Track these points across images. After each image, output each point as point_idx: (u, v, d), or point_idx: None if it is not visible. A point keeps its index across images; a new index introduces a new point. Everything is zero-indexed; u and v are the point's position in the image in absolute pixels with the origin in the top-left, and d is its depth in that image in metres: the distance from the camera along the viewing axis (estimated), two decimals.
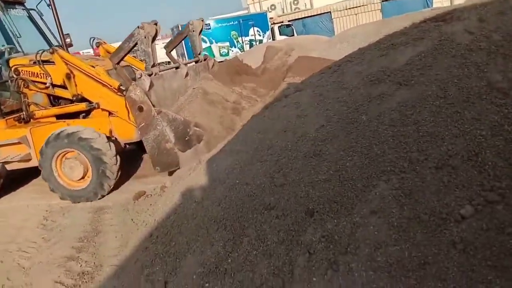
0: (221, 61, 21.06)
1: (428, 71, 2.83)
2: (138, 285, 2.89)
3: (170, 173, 5.16)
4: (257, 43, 22.50)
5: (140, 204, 4.63)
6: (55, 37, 6.57)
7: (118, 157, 5.37)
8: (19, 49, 6.69)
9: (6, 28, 6.60)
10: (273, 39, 22.72)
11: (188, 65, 6.45)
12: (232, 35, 23.15)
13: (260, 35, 23.42)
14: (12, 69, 5.88)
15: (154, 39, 5.17)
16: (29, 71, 5.86)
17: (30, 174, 6.56)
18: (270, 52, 9.09)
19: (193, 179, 3.85)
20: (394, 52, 3.27)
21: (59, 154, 5.44)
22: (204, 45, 22.32)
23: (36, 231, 4.79)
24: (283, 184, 2.73)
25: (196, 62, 6.74)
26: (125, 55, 5.32)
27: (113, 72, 5.54)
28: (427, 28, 3.37)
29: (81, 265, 3.75)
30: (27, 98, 5.98)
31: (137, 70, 5.87)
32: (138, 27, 4.99)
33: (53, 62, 5.64)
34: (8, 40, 6.71)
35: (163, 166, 5.08)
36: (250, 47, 22.07)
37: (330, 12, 26.41)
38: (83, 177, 5.44)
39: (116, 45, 5.75)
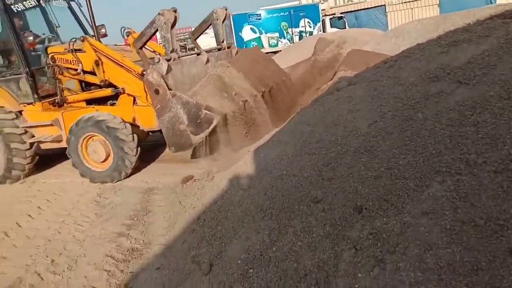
0: (269, 52, 21.02)
1: (491, 70, 2.71)
2: (184, 265, 3.00)
3: (217, 160, 5.29)
4: (307, 34, 22.24)
5: (188, 187, 4.77)
6: (92, 28, 6.89)
7: (138, 146, 5.72)
8: (58, 38, 7.17)
9: (48, 18, 7.10)
10: (323, 31, 22.36)
11: (210, 52, 6.61)
12: (282, 26, 22.99)
13: (310, 27, 23.09)
14: (49, 56, 6.30)
15: (173, 25, 5.35)
16: (63, 58, 6.25)
17: None
18: (321, 44, 8.95)
19: (240, 167, 3.92)
20: (455, 50, 3.15)
21: (85, 137, 5.85)
22: (253, 35, 22.42)
23: (90, 206, 5.07)
24: (331, 179, 2.72)
25: (219, 50, 6.87)
26: (147, 40, 5.59)
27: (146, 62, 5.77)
28: (493, 25, 3.21)
29: (130, 242, 3.93)
30: (61, 84, 6.42)
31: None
32: (158, 13, 5.20)
33: (85, 50, 6.01)
34: (49, 30, 7.22)
35: (177, 147, 5.34)
36: (300, 39, 21.86)
37: (384, 5, 25.54)
38: (105, 160, 5.83)
39: None
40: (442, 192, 2.18)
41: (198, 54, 6.32)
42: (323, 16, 23.60)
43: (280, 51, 18.34)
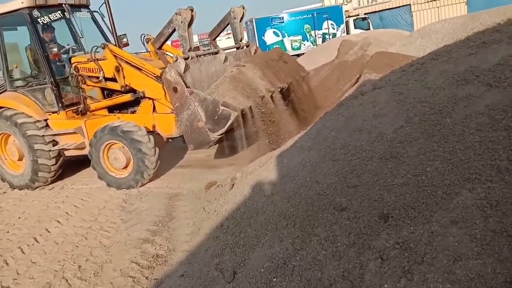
0: (293, 55, 21.07)
1: None
2: (208, 272, 3.00)
3: (240, 165, 5.29)
4: (331, 36, 22.07)
5: (211, 193, 4.78)
6: (114, 37, 7.18)
7: (157, 153, 5.83)
8: (82, 48, 7.45)
9: (73, 29, 7.41)
10: (347, 33, 22.15)
11: (229, 51, 6.67)
12: (305, 29, 22.89)
13: (334, 29, 22.92)
14: (73, 66, 6.54)
15: (190, 24, 5.42)
16: (86, 67, 6.46)
17: None
18: (345, 46, 8.86)
19: (263, 173, 3.90)
20: (484, 51, 3.04)
21: (107, 145, 6.04)
22: (276, 39, 22.42)
23: (116, 212, 5.16)
24: (356, 186, 2.67)
25: (238, 48, 6.91)
26: (166, 40, 5.70)
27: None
28: None
29: (155, 248, 3.97)
30: (85, 93, 6.64)
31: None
32: (175, 13, 5.27)
33: (106, 58, 6.18)
34: (74, 40, 7.53)
35: (196, 144, 5.40)
36: (323, 41, 21.71)
37: (409, 4, 25.06)
38: (126, 167, 6.02)
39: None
40: (472, 200, 2.09)
41: (216, 53, 6.37)
42: (346, 17, 23.39)
43: (304, 54, 18.28)
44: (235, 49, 6.95)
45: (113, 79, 6.28)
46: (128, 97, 6.21)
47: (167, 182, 6.00)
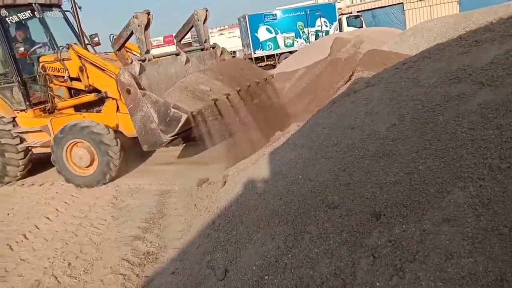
0: (285, 52, 20.99)
1: None
2: (199, 270, 2.98)
3: (232, 163, 5.27)
4: (323, 34, 22.08)
5: (203, 190, 4.77)
6: (81, 37, 7.36)
7: (121, 150, 6.02)
8: (55, 47, 7.42)
9: (46, 28, 7.46)
10: (340, 31, 22.17)
11: (192, 52, 6.79)
12: (298, 26, 22.89)
13: (327, 26, 22.94)
14: (40, 65, 6.66)
15: (147, 27, 5.54)
16: (52, 67, 6.59)
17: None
18: (338, 44, 8.86)
19: (255, 171, 3.88)
20: (477, 50, 3.05)
21: (71, 143, 6.16)
22: (269, 36, 22.39)
23: (107, 209, 5.12)
24: (348, 183, 2.66)
25: (202, 50, 7.00)
26: (125, 42, 5.85)
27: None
28: None
29: (146, 245, 3.95)
30: (52, 91, 6.77)
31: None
32: (133, 16, 5.38)
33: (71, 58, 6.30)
34: (49, 40, 7.58)
35: (149, 145, 5.59)
36: (316, 38, 21.71)
37: (402, 3, 25.20)
38: (90, 165, 6.14)
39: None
40: (464, 199, 2.10)
41: (177, 55, 6.44)
42: (339, 15, 23.45)
43: (296, 51, 18.26)
44: (200, 51, 7.06)
45: (78, 79, 6.41)
46: (92, 96, 6.33)
47: (159, 179, 5.96)
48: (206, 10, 6.80)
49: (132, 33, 5.57)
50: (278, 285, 2.39)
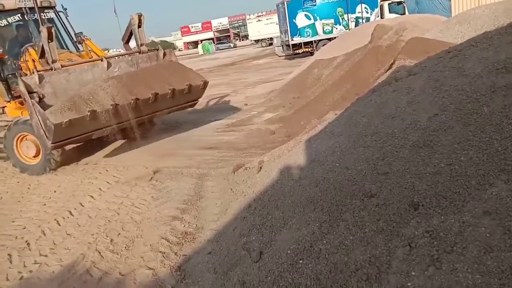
0: (324, 39, 20.55)
1: None
2: (235, 251, 3.07)
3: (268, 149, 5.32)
4: (364, 20, 21.53)
5: (239, 175, 4.84)
6: (74, 36, 8.08)
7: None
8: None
9: (34, 29, 7.85)
10: (381, 17, 21.53)
11: (121, 57, 7.23)
12: (338, 12, 22.41)
13: (367, 13, 22.34)
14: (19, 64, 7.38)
15: (50, 38, 6.04)
16: (23, 66, 7.15)
17: (146, 138, 7.39)
18: (379, 31, 8.63)
19: (291, 158, 3.91)
20: None
21: (20, 136, 7.04)
22: (307, 22, 22.07)
23: (147, 190, 5.31)
24: (387, 173, 2.65)
25: (139, 53, 7.33)
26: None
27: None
28: None
29: (184, 225, 4.08)
30: None
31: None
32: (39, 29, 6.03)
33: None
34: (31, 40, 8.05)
35: (45, 148, 6.38)
36: (356, 25, 21.22)
37: None
38: (36, 155, 7.00)
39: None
40: (507, 192, 2.04)
41: (101, 60, 6.87)
42: (381, 1, 22.70)
43: (335, 38, 17.93)
44: (137, 54, 7.39)
45: None
46: None
47: (197, 163, 6.11)
48: (141, 15, 7.16)
49: (43, 46, 6.10)
50: (313, 269, 2.43)
